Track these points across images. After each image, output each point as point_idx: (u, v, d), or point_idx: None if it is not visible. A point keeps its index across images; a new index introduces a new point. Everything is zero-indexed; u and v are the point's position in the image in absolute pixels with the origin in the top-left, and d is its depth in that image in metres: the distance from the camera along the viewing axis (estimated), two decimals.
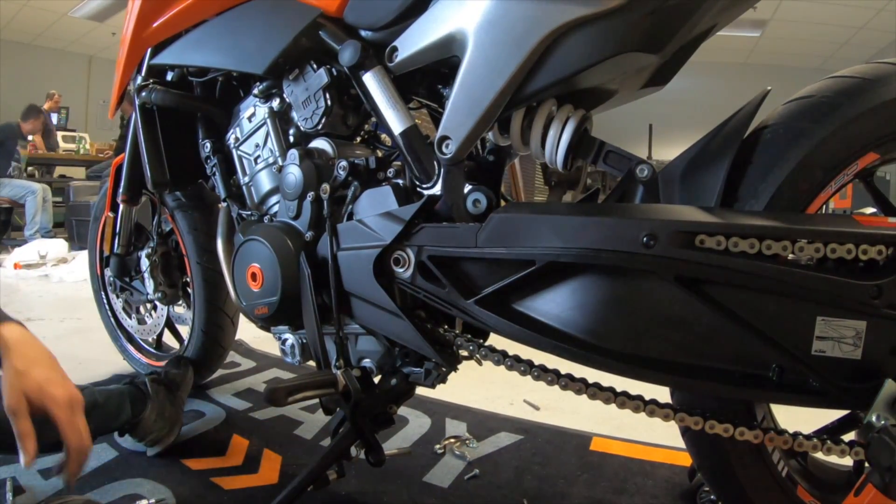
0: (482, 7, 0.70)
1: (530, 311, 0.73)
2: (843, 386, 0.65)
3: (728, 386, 0.67)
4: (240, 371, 1.78)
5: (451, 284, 0.74)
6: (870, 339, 0.64)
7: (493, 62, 0.70)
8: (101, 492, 1.06)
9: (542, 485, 1.14)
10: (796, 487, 0.78)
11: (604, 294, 0.70)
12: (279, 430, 1.35)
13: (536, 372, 0.73)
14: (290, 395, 0.74)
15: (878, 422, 0.63)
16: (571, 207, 0.75)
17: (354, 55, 0.81)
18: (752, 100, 0.71)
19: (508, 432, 1.37)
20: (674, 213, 0.66)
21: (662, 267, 0.64)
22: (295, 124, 0.99)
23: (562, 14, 0.65)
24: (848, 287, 0.63)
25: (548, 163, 0.77)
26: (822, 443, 0.68)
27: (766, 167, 0.68)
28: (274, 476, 1.14)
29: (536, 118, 0.75)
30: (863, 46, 6.74)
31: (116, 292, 1.62)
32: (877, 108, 0.66)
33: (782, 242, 0.62)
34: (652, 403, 0.70)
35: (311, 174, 0.88)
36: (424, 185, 0.80)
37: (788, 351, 0.65)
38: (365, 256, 0.78)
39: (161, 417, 1.19)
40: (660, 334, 0.68)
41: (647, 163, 0.72)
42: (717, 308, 0.65)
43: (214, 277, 1.39)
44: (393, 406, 0.83)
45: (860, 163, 0.68)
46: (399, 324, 0.79)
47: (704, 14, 0.67)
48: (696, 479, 1.09)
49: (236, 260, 0.94)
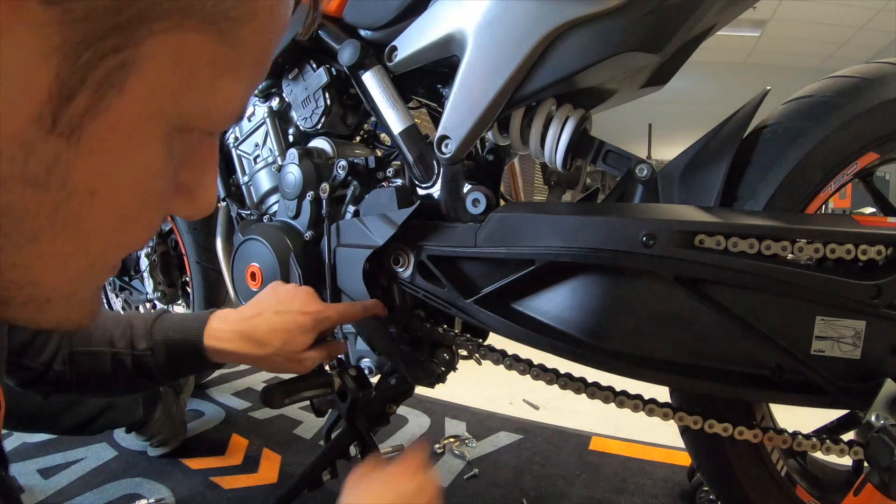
0: (482, 7, 0.70)
1: (530, 311, 0.73)
2: (843, 386, 0.65)
3: (727, 386, 0.67)
4: (239, 370, 1.78)
5: (451, 284, 0.74)
6: (869, 338, 0.64)
7: (492, 62, 0.70)
8: (101, 491, 1.06)
9: (541, 484, 1.14)
10: (795, 487, 0.78)
11: (603, 294, 0.69)
12: (279, 430, 1.35)
13: (535, 371, 0.73)
14: (287, 397, 0.74)
15: (878, 421, 0.63)
16: (571, 207, 0.75)
17: (354, 55, 0.81)
18: (752, 100, 0.70)
19: (508, 432, 1.37)
20: (673, 212, 0.66)
21: (662, 266, 0.64)
22: (294, 124, 0.99)
23: (561, 13, 0.65)
24: (847, 287, 0.63)
25: (547, 162, 0.77)
26: (822, 442, 0.68)
27: (765, 167, 0.68)
28: (273, 475, 1.14)
29: (536, 118, 0.74)
30: (863, 46, 6.74)
31: (116, 291, 1.62)
32: (877, 107, 0.66)
33: (781, 242, 0.62)
34: (651, 402, 0.70)
35: (311, 174, 0.88)
36: (424, 185, 0.80)
37: (788, 351, 0.65)
38: (357, 256, 0.78)
39: (169, 419, 1.20)
40: (659, 334, 0.68)
41: (647, 162, 0.72)
42: (717, 308, 0.65)
43: (214, 277, 1.39)
44: (392, 406, 0.83)
45: (860, 162, 0.68)
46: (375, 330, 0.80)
47: (704, 14, 0.67)
48: (695, 479, 1.09)
49: (236, 259, 0.94)
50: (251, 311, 0.73)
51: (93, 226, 0.28)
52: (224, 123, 0.30)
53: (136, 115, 0.26)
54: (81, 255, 0.28)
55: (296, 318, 0.71)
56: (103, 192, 0.27)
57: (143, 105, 0.26)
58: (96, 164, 0.26)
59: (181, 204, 0.32)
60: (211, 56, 0.27)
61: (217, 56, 0.27)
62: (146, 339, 0.72)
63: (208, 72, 0.27)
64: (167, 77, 0.26)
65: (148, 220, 0.30)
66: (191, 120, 0.28)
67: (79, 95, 0.24)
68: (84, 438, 1.25)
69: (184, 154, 0.31)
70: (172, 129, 0.28)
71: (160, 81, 0.26)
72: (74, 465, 1.15)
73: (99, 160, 0.26)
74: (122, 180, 0.27)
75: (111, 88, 0.24)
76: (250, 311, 0.73)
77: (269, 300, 0.74)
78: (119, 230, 0.29)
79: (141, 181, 0.28)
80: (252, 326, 0.71)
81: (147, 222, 0.30)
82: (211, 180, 0.33)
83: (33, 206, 0.25)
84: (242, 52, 0.28)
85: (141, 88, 0.25)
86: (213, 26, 0.26)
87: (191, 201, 0.33)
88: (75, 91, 0.24)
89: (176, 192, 0.31)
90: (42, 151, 0.24)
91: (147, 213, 0.30)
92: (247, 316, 0.73)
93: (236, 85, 0.29)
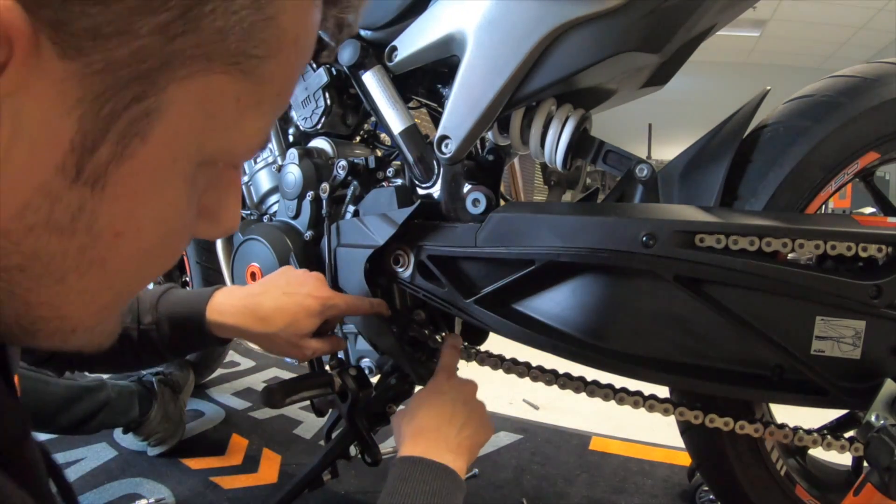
0: (482, 7, 0.70)
1: (530, 311, 0.73)
2: (842, 385, 0.65)
3: (727, 385, 0.67)
4: (239, 370, 1.78)
5: (451, 284, 0.74)
6: (869, 338, 0.64)
7: (492, 61, 0.70)
8: (101, 491, 1.06)
9: (541, 484, 1.14)
10: (795, 486, 0.78)
11: (603, 293, 0.69)
12: (278, 430, 1.35)
13: (535, 373, 0.73)
14: (287, 396, 0.74)
15: (878, 421, 0.63)
16: (571, 207, 0.75)
17: (354, 54, 0.81)
18: (752, 99, 0.70)
19: (508, 432, 1.37)
20: (673, 212, 0.66)
21: (662, 266, 0.64)
22: (294, 123, 0.99)
23: (561, 14, 0.65)
24: (847, 287, 0.63)
25: (547, 162, 0.77)
26: (822, 437, 0.68)
27: (765, 166, 0.68)
28: (273, 475, 1.14)
29: (536, 117, 0.74)
30: (863, 46, 6.73)
31: None
32: (877, 107, 0.66)
33: (782, 240, 0.62)
34: (651, 398, 0.71)
35: (311, 173, 0.88)
36: (424, 185, 0.80)
37: (788, 350, 0.65)
38: (358, 255, 0.78)
39: (166, 418, 1.20)
40: (659, 334, 0.68)
41: (647, 162, 0.72)
42: (717, 308, 0.65)
43: (214, 277, 1.39)
44: (392, 405, 0.83)
45: (860, 162, 0.68)
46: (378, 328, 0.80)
47: (704, 14, 0.67)
48: (695, 479, 1.09)
49: (235, 259, 0.94)
50: (258, 289, 0.72)
51: (118, 265, 0.28)
52: (248, 156, 0.31)
53: (160, 160, 0.26)
54: (107, 291, 0.29)
55: (303, 300, 0.71)
56: (129, 233, 0.27)
57: (167, 149, 0.26)
58: (121, 208, 0.26)
59: (205, 227, 0.32)
60: (235, 94, 0.27)
61: (241, 93, 0.27)
62: (151, 314, 0.71)
63: (232, 109, 0.27)
64: (191, 120, 0.26)
65: (172, 252, 0.31)
66: (215, 156, 0.28)
67: (102, 146, 0.24)
68: (84, 438, 1.25)
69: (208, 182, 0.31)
70: (196, 166, 0.28)
71: (184, 125, 0.26)
72: (74, 465, 1.15)
73: (124, 204, 0.26)
74: (147, 220, 0.27)
75: (135, 137, 0.24)
76: (258, 289, 0.72)
77: (278, 280, 0.73)
78: (144, 265, 0.29)
79: (166, 219, 0.28)
80: (257, 303, 0.70)
81: (171, 253, 0.31)
82: (234, 202, 0.33)
83: (60, 250, 0.25)
84: (267, 88, 0.28)
85: (165, 133, 0.25)
86: (236, 66, 0.26)
87: (214, 224, 0.33)
88: (99, 141, 0.24)
89: (199, 217, 0.31)
90: (67, 200, 0.24)
91: (171, 245, 0.30)
92: (253, 292, 0.72)
93: (260, 119, 0.29)
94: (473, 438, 0.64)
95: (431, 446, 0.60)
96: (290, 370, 1.79)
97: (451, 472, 0.58)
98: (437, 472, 0.57)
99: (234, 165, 0.33)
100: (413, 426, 0.63)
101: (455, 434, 0.62)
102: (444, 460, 0.58)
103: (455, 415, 0.64)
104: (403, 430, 0.64)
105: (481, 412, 0.68)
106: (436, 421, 0.63)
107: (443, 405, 0.65)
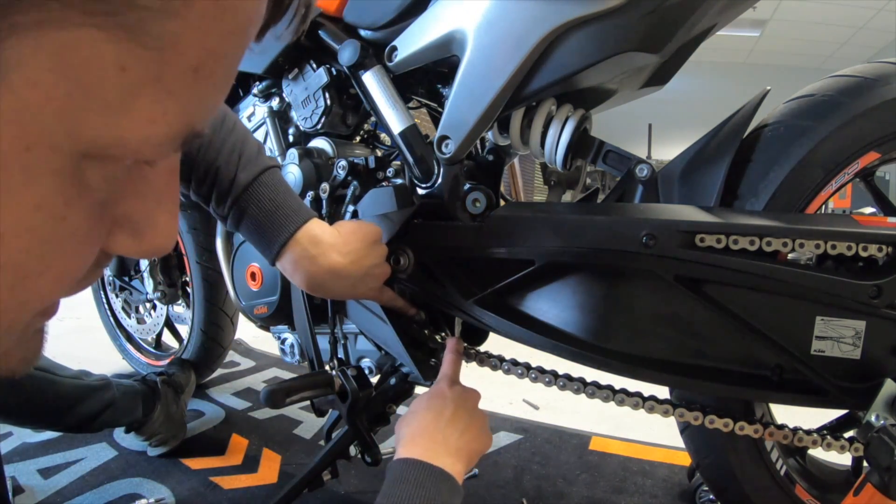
0: (482, 7, 0.70)
1: (530, 311, 0.73)
2: (842, 385, 0.65)
3: (727, 385, 0.66)
4: (239, 370, 1.79)
5: (451, 284, 0.74)
6: (869, 338, 0.64)
7: (492, 62, 0.70)
8: (101, 491, 1.06)
9: (541, 484, 1.14)
10: (794, 486, 0.78)
11: (603, 293, 0.69)
12: (278, 430, 1.35)
13: (534, 373, 0.73)
14: (288, 396, 0.74)
15: (878, 421, 0.63)
16: (571, 207, 0.75)
17: (354, 55, 0.80)
18: (752, 99, 0.70)
19: (508, 432, 1.37)
20: (673, 212, 0.66)
21: (662, 266, 0.64)
22: (294, 124, 0.99)
23: (561, 14, 0.65)
24: (847, 287, 0.63)
25: (547, 162, 0.77)
26: (822, 438, 0.68)
27: (765, 166, 0.68)
28: (273, 475, 1.14)
29: (536, 117, 0.74)
30: (863, 46, 6.74)
31: (116, 291, 1.62)
32: (878, 107, 0.66)
33: (782, 240, 0.62)
34: (651, 399, 0.70)
35: (311, 173, 0.88)
36: (424, 185, 0.80)
37: (788, 350, 0.65)
38: None
39: (168, 419, 1.20)
40: (659, 334, 0.68)
41: (647, 162, 0.72)
42: (717, 307, 0.65)
43: (214, 277, 1.39)
44: (392, 405, 0.83)
45: (861, 162, 0.68)
46: (382, 328, 0.80)
47: (704, 14, 0.67)
48: (695, 479, 1.09)
49: (236, 259, 0.94)
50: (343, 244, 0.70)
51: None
52: (150, 151, 0.22)
53: (7, 145, 0.19)
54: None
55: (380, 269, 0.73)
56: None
57: (18, 129, 0.19)
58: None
59: (122, 242, 0.25)
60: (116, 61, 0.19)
61: (128, 61, 0.19)
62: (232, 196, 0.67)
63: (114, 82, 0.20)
64: (48, 90, 0.19)
65: (59, 271, 0.23)
66: (103, 147, 0.21)
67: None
68: (84, 438, 1.25)
69: (115, 185, 0.23)
70: (77, 158, 0.21)
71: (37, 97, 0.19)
72: (74, 465, 1.15)
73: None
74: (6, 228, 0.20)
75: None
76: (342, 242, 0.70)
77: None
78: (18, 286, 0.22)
79: (34, 228, 0.21)
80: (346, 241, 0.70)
81: (58, 273, 0.23)
82: (165, 216, 0.26)
83: None
84: (172, 58, 0.20)
85: (9, 108, 0.18)
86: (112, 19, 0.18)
87: (136, 239, 0.26)
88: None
89: (114, 228, 0.25)
90: None
91: (57, 262, 0.23)
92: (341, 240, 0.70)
93: (163, 101, 0.21)
94: (473, 444, 0.64)
95: (430, 448, 0.59)
96: (290, 370, 1.79)
97: (448, 476, 0.57)
98: (433, 475, 0.57)
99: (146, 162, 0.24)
100: (412, 428, 0.63)
101: (455, 438, 0.62)
102: (443, 464, 0.58)
103: (456, 419, 0.64)
104: (403, 432, 0.63)
105: (482, 421, 0.67)
106: (436, 423, 0.63)
107: (444, 408, 0.65)
